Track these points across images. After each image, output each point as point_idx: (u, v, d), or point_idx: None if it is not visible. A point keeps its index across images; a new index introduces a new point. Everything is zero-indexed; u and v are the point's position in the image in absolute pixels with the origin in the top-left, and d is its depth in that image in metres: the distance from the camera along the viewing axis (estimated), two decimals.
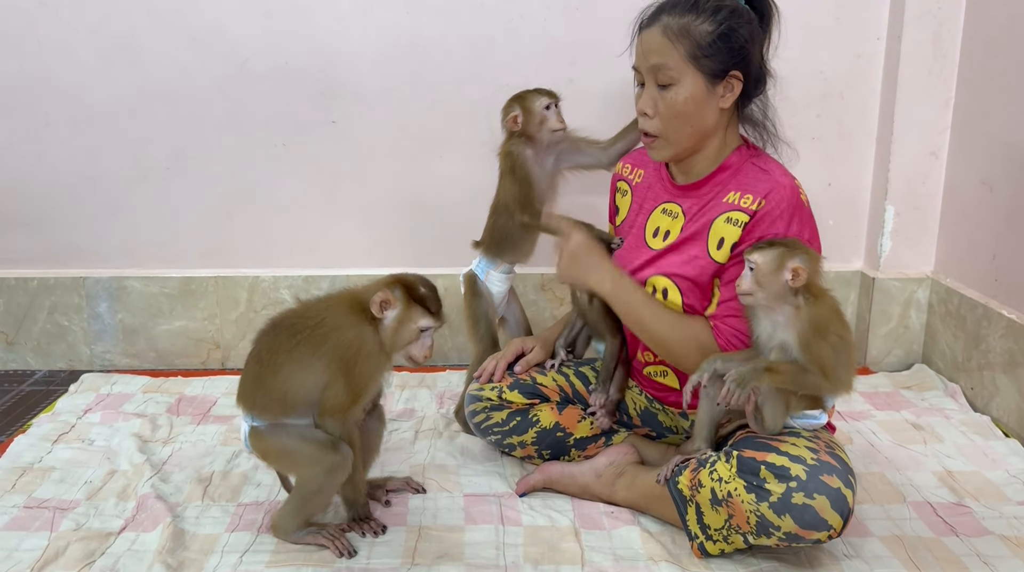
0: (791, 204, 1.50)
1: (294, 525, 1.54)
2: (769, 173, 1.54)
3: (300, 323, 1.48)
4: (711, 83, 1.51)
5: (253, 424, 1.53)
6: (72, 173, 2.38)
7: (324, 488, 1.51)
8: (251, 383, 1.52)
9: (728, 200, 1.55)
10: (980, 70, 2.16)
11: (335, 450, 1.49)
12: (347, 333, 1.46)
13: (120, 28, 2.27)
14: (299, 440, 1.50)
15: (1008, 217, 2.06)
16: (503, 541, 1.57)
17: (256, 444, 1.54)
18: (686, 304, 1.58)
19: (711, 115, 1.55)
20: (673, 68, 1.50)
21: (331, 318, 1.47)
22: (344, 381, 1.46)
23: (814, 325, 1.40)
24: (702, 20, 1.49)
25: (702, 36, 1.49)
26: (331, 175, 2.40)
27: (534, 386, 1.79)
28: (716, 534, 1.47)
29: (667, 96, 1.53)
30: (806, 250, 1.42)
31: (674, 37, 1.50)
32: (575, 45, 2.28)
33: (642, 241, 1.67)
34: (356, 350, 1.46)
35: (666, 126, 1.55)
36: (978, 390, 2.14)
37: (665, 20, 1.51)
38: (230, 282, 2.45)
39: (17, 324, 2.47)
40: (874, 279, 2.40)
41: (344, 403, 1.47)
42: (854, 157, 2.41)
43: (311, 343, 1.46)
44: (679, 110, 1.53)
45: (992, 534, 1.58)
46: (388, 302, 1.47)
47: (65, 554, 1.52)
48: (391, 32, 2.29)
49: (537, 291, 2.46)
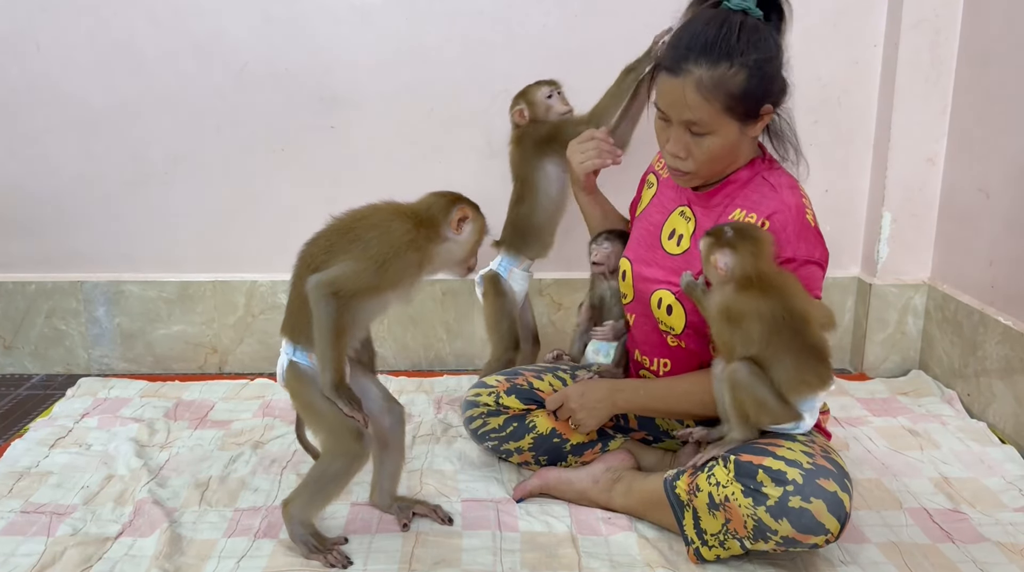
0: (796, 227, 1.49)
1: (303, 514, 1.52)
2: (777, 190, 1.53)
3: (342, 224, 1.48)
4: (745, 124, 1.50)
5: (293, 358, 1.51)
6: (71, 177, 2.38)
7: (339, 475, 1.49)
8: (294, 308, 1.49)
9: (734, 217, 1.54)
10: (977, 78, 2.17)
11: (357, 438, 1.47)
12: (395, 229, 1.44)
13: (120, 33, 2.28)
14: (329, 405, 1.47)
15: (1005, 224, 2.06)
16: (500, 547, 1.57)
17: (291, 381, 1.51)
18: (689, 321, 1.59)
19: (745, 148, 1.55)
20: (710, 122, 1.46)
21: (376, 217, 1.46)
22: (373, 268, 1.41)
23: (721, 309, 1.44)
24: (736, 69, 1.42)
25: (736, 86, 1.43)
26: (330, 180, 2.40)
27: (531, 391, 1.80)
28: (713, 539, 1.47)
29: (702, 143, 1.50)
30: (736, 243, 1.42)
31: (708, 94, 1.43)
32: (574, 52, 2.28)
33: (657, 241, 1.68)
34: (398, 249, 1.42)
35: (699, 166, 1.53)
36: (975, 396, 2.15)
37: (697, 73, 1.43)
38: (228, 287, 2.45)
39: (15, 328, 2.47)
40: (871, 285, 2.40)
41: (355, 286, 1.41)
42: (851, 163, 2.42)
43: (352, 238, 1.44)
44: (716, 155, 1.51)
45: (988, 541, 1.58)
46: (466, 217, 1.50)
47: (62, 559, 1.52)
48: (390, 38, 2.30)
49: (535, 295, 2.46)
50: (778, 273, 1.44)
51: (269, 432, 2.05)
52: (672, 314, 1.61)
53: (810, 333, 1.42)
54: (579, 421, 1.70)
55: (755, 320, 1.41)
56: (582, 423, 1.70)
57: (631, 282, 1.70)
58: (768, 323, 1.40)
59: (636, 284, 1.69)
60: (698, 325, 1.57)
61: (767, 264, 1.43)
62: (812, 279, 1.51)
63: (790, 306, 1.41)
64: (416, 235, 1.46)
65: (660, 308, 1.63)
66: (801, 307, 1.42)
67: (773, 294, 1.41)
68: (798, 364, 1.41)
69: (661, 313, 1.63)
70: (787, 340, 1.40)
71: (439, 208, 1.50)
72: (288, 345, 1.52)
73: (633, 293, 1.70)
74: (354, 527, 1.64)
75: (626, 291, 1.73)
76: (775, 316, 1.40)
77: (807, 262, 1.50)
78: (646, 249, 1.69)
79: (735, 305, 1.43)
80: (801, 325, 1.41)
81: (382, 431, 1.62)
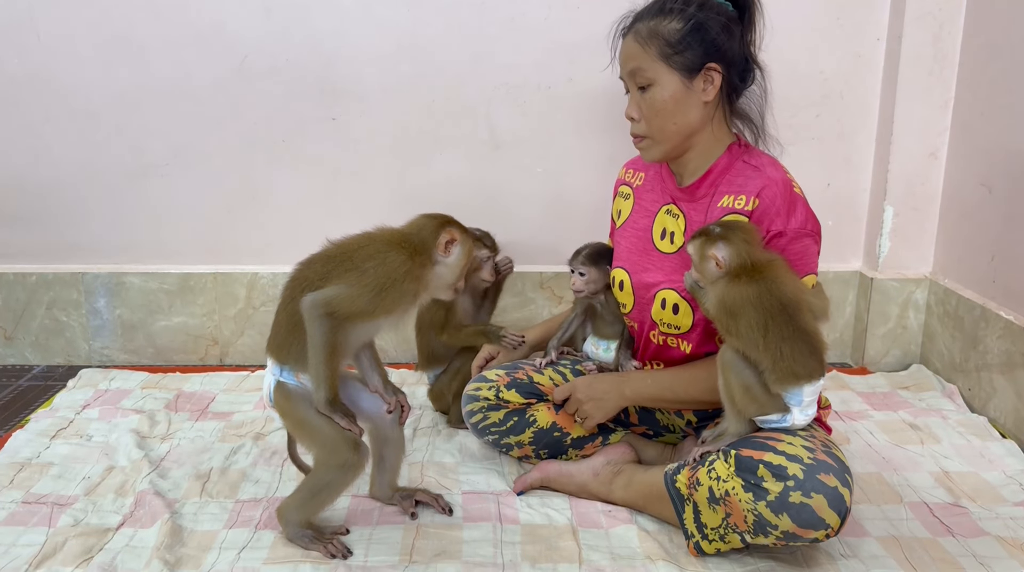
0: (785, 199, 1.51)
1: (297, 517, 1.53)
2: (760, 170, 1.55)
3: (337, 252, 1.47)
4: (688, 78, 1.53)
5: (280, 378, 1.50)
6: (72, 169, 2.38)
7: (334, 484, 1.49)
8: (283, 329, 1.49)
9: (723, 204, 1.55)
10: (980, 72, 2.16)
11: (354, 449, 1.47)
12: (391, 260, 1.44)
13: (120, 25, 2.27)
14: (324, 422, 1.47)
15: (1007, 219, 2.06)
16: (501, 539, 1.57)
17: (280, 401, 1.51)
18: (697, 318, 1.58)
19: (694, 110, 1.55)
20: (648, 69, 1.54)
21: (372, 247, 1.46)
22: (369, 296, 1.41)
23: (719, 303, 1.45)
24: (670, 19, 1.52)
25: (671, 34, 1.52)
26: (331, 172, 2.40)
27: (531, 385, 1.79)
28: (713, 533, 1.47)
29: (647, 97, 1.56)
30: (727, 235, 1.44)
31: (644, 40, 1.53)
32: (575, 44, 2.28)
33: (649, 243, 1.67)
34: (395, 280, 1.43)
35: (650, 125, 1.57)
36: (975, 391, 2.15)
37: (637, 27, 1.55)
38: (229, 278, 2.45)
39: (16, 319, 2.47)
40: (872, 279, 2.40)
41: (350, 310, 1.41)
42: (853, 157, 2.41)
43: (349, 266, 1.44)
44: (659, 108, 1.55)
45: (988, 535, 1.58)
46: (454, 240, 1.50)
47: (63, 550, 1.52)
48: (391, 30, 2.29)
49: (536, 289, 2.46)
50: (769, 260, 1.45)
51: (270, 424, 2.05)
52: (679, 313, 1.60)
53: (802, 319, 1.42)
54: (586, 413, 1.69)
55: (750, 308, 1.41)
56: (589, 415, 1.69)
57: (631, 291, 1.69)
58: (763, 310, 1.40)
59: (637, 292, 1.67)
60: (704, 322, 1.58)
61: (759, 251, 1.45)
62: (806, 254, 1.52)
63: (780, 292, 1.41)
64: (412, 266, 1.46)
65: (665, 308, 1.62)
66: (792, 293, 1.43)
67: (765, 280, 1.42)
68: (793, 352, 1.41)
69: (666, 313, 1.62)
70: (781, 325, 1.41)
71: (428, 232, 1.50)
72: (274, 365, 1.52)
73: (633, 301, 1.69)
74: (355, 519, 1.64)
75: (625, 301, 1.71)
76: (768, 302, 1.40)
77: (800, 235, 1.51)
78: (639, 255, 1.69)
79: (729, 296, 1.43)
80: (794, 311, 1.41)
81: (382, 424, 1.62)
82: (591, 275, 1.77)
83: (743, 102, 1.63)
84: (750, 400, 1.46)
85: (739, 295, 1.42)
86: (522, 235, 2.39)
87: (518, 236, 2.38)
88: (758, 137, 1.64)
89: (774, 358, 1.41)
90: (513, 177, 2.38)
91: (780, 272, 1.44)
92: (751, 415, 1.49)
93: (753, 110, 1.64)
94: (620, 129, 2.30)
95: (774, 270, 1.43)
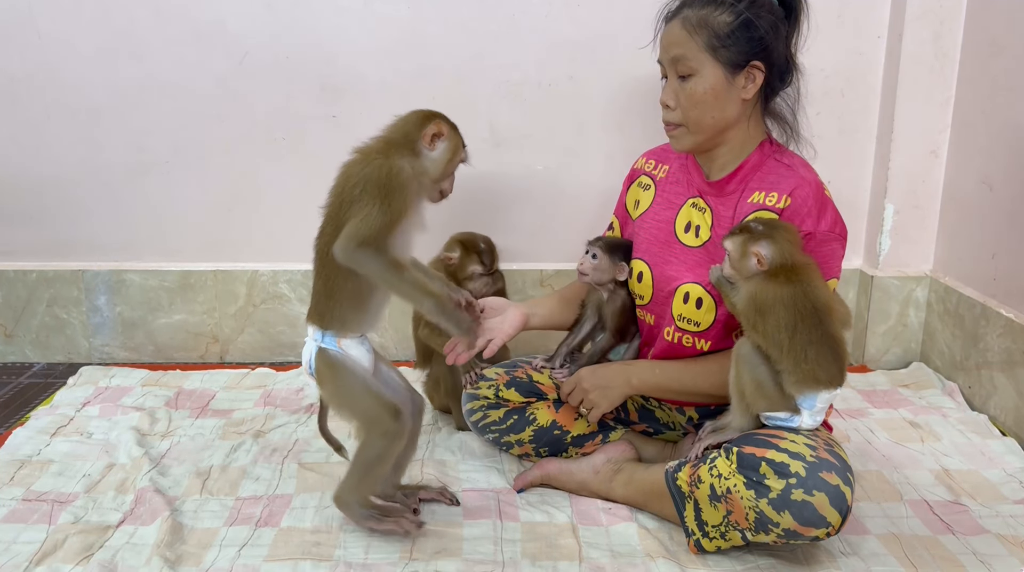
0: (817, 200, 1.50)
1: (357, 498, 1.52)
2: (793, 169, 1.54)
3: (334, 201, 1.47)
4: (731, 73, 1.51)
5: (322, 344, 1.49)
6: (72, 166, 2.38)
7: (384, 455, 1.48)
8: (321, 296, 1.48)
9: (754, 200, 1.54)
10: (981, 69, 2.16)
11: (395, 416, 1.46)
12: (372, 171, 1.43)
13: (120, 21, 2.27)
14: (364, 390, 1.46)
15: (1007, 217, 2.06)
16: (501, 537, 1.57)
17: (321, 368, 1.49)
18: (719, 314, 1.57)
19: (732, 106, 1.54)
20: (692, 59, 1.51)
21: (355, 175, 1.45)
22: (378, 210, 1.40)
23: (749, 299, 1.44)
24: (721, 11, 1.49)
25: (720, 26, 1.49)
26: (331, 169, 2.35)
27: (531, 384, 1.79)
28: (713, 531, 1.47)
29: (687, 87, 1.53)
30: (772, 234, 1.43)
31: (692, 28, 1.50)
32: (577, 41, 2.27)
33: (672, 235, 1.65)
34: (391, 178, 1.42)
35: (686, 115, 1.55)
36: (976, 389, 2.15)
37: (685, 13, 1.52)
38: (229, 276, 2.45)
39: (16, 317, 2.47)
40: (873, 277, 2.40)
41: (376, 228, 1.40)
42: (854, 155, 2.41)
43: (348, 203, 1.44)
44: (698, 100, 1.53)
45: (989, 533, 1.58)
46: (440, 134, 1.50)
47: (63, 547, 1.52)
48: (392, 26, 2.29)
49: (536, 287, 2.46)
50: (806, 263, 1.45)
51: (270, 421, 2.05)
52: (702, 307, 1.58)
53: (831, 326, 1.43)
54: (592, 402, 1.65)
55: (782, 307, 1.41)
56: (595, 404, 1.65)
57: (650, 283, 1.66)
58: (794, 311, 1.41)
59: (657, 284, 1.64)
60: (726, 318, 1.56)
61: (799, 253, 1.45)
62: (833, 257, 1.52)
63: (815, 295, 1.42)
64: (393, 162, 1.44)
65: (688, 303, 1.59)
66: (825, 298, 1.43)
67: (800, 282, 1.42)
68: (818, 357, 1.42)
69: (688, 308, 1.59)
70: (810, 328, 1.41)
71: (412, 124, 1.49)
72: (316, 332, 1.50)
73: (652, 293, 1.66)
74: None
75: (643, 293, 1.68)
76: (801, 304, 1.41)
77: (828, 238, 1.51)
78: (661, 247, 1.66)
79: (762, 293, 1.43)
80: (824, 316, 1.42)
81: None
82: (602, 263, 1.71)
83: (777, 101, 1.61)
84: (760, 396, 1.46)
85: (773, 294, 1.42)
86: (522, 233, 2.39)
87: (518, 234, 2.38)
88: (789, 137, 1.63)
89: (797, 360, 1.42)
90: (514, 175, 2.38)
91: (815, 276, 1.45)
92: (759, 411, 1.49)
93: (786, 110, 1.62)
94: (621, 127, 2.31)
95: (809, 273, 1.44)
